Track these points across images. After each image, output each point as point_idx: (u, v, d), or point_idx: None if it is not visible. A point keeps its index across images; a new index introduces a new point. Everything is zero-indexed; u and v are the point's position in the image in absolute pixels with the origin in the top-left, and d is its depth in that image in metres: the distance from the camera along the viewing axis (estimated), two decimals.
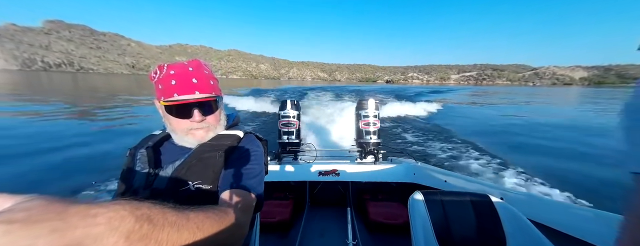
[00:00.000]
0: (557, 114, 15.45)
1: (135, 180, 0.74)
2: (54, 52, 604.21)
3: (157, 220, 0.34)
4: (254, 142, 0.84)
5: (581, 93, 54.70)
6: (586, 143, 7.08)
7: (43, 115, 9.09)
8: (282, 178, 2.26)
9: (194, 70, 0.73)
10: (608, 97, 33.22)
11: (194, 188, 0.70)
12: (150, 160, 0.76)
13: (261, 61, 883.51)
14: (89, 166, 4.47)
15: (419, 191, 1.22)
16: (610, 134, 8.30)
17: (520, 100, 26.09)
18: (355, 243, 1.58)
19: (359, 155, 2.46)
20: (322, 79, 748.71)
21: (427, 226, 1.10)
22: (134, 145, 0.84)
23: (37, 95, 16.91)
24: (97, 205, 0.30)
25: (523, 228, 1.06)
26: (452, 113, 13.04)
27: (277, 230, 2.06)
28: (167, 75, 0.71)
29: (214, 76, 0.80)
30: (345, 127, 5.90)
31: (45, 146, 5.46)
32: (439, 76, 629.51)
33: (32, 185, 3.67)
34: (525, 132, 8.77)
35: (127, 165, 0.79)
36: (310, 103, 12.76)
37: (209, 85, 0.75)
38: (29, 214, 0.25)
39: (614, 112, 15.85)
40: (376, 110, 2.42)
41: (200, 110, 0.74)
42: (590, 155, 5.95)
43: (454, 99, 22.01)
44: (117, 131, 7.69)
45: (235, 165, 0.73)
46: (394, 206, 2.19)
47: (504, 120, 11.90)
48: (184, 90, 0.71)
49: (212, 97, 0.75)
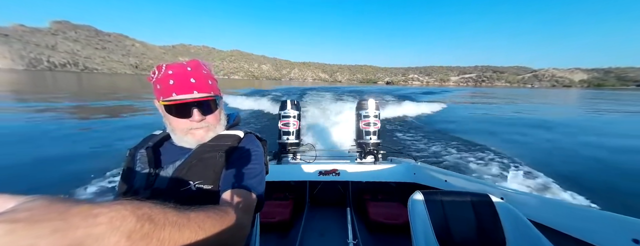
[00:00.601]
0: (557, 113, 15.42)
1: (136, 180, 0.75)
2: (59, 52, 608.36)
3: (158, 219, 0.35)
4: (254, 142, 0.84)
5: (575, 94, 54.46)
6: (585, 144, 7.03)
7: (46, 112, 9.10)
8: (282, 178, 2.23)
9: (193, 70, 0.73)
10: (605, 99, 33.19)
11: (195, 188, 0.70)
12: (151, 161, 0.76)
13: (263, 62, 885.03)
14: (87, 163, 4.43)
15: (419, 191, 1.20)
16: (609, 135, 8.29)
17: (505, 101, 26.11)
18: (355, 243, 1.55)
19: (359, 155, 2.43)
20: (323, 80, 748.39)
21: (427, 226, 1.10)
22: (134, 145, 0.84)
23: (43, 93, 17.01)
24: (99, 205, 0.30)
25: (523, 228, 1.06)
26: (451, 114, 12.96)
27: (277, 230, 2.04)
28: (165, 75, 0.71)
29: (213, 76, 0.80)
30: (345, 127, 5.86)
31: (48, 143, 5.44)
32: (439, 77, 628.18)
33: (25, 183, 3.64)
34: (525, 131, 8.73)
35: (128, 165, 0.79)
36: (310, 103, 12.73)
37: (207, 84, 0.75)
38: (31, 214, 0.25)
39: (613, 112, 15.81)
40: (376, 110, 2.40)
41: (200, 110, 0.74)
42: (590, 155, 5.91)
43: (446, 100, 21.87)
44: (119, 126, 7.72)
45: (236, 165, 0.73)
46: (394, 206, 2.17)
47: (502, 120, 11.84)
48: (182, 90, 0.71)
49: (210, 96, 0.75)
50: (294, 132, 2.42)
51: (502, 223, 1.10)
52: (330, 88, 32.11)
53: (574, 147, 6.62)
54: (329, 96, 18.23)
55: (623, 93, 64.53)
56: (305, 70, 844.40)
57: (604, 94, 52.85)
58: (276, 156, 2.37)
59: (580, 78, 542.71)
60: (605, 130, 9.17)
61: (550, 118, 12.39)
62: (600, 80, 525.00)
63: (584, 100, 29.76)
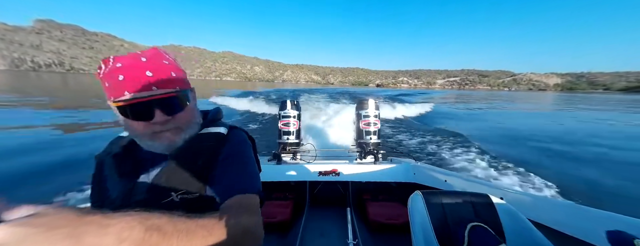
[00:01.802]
0: (550, 116, 15.78)
1: (110, 193, 0.64)
2: (45, 52, 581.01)
3: (166, 229, 0.35)
4: (240, 137, 0.73)
5: (543, 97, 57.02)
6: (586, 144, 7.26)
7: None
8: (282, 178, 2.18)
9: (149, 60, 0.59)
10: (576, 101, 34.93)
11: (179, 199, 0.60)
12: (122, 169, 0.65)
13: (256, 63, 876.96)
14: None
15: (419, 191, 1.19)
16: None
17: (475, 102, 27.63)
18: (355, 243, 1.53)
19: (358, 155, 2.41)
20: (316, 82, 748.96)
21: (427, 226, 1.08)
22: (100, 151, 0.72)
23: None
24: (110, 217, 0.32)
25: (523, 228, 1.04)
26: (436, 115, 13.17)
27: (277, 230, 2.00)
28: (113, 69, 0.57)
29: (178, 66, 0.65)
30: (342, 127, 5.83)
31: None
32: (426, 80, 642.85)
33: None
34: (525, 131, 8.92)
35: (97, 175, 0.69)
36: (307, 103, 12.68)
37: (169, 77, 0.60)
38: (47, 222, 0.28)
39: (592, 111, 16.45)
40: (376, 110, 2.38)
41: (163, 110, 0.59)
42: (586, 155, 6.09)
43: (430, 101, 22.05)
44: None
45: (226, 167, 0.64)
46: (394, 206, 2.15)
47: (503, 120, 12.17)
48: (136, 86, 0.56)
49: (174, 91, 0.60)
50: (294, 131, 2.39)
51: (501, 223, 1.09)
52: (324, 90, 32.22)
53: (575, 147, 6.83)
54: (323, 97, 18.27)
55: (593, 97, 68.12)
56: (298, 72, 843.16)
57: (576, 98, 55.48)
58: (276, 156, 2.32)
59: (554, 82, 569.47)
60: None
61: (543, 119, 12.82)
62: (572, 84, 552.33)
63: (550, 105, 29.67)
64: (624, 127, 11.37)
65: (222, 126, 0.73)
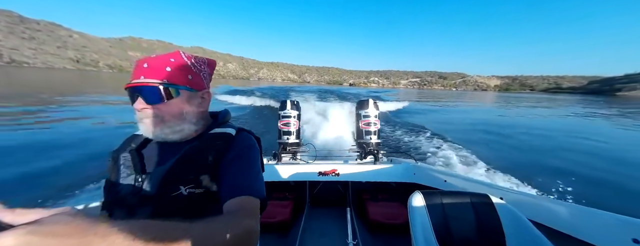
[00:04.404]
0: (551, 116, 16.15)
1: (121, 187, 0.65)
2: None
3: (163, 236, 0.35)
4: (248, 140, 0.74)
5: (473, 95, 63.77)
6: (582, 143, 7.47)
7: None
8: (282, 178, 2.09)
9: (157, 56, 0.65)
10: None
11: (187, 192, 0.61)
12: (136, 164, 0.66)
13: (229, 60, 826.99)
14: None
15: (419, 191, 1.16)
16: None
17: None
18: (355, 243, 1.49)
19: (358, 155, 2.35)
20: (292, 80, 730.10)
21: (426, 226, 1.06)
22: (116, 148, 0.74)
23: None
24: (115, 226, 0.31)
25: (523, 228, 1.02)
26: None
27: (277, 230, 1.93)
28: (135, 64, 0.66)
29: (189, 67, 0.67)
30: (343, 127, 5.72)
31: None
32: (393, 81, 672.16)
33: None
34: (524, 132, 9.00)
35: (111, 171, 0.70)
36: (305, 102, 12.33)
37: (161, 70, 0.62)
38: (52, 228, 0.27)
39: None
40: (376, 110, 2.33)
41: (142, 97, 0.62)
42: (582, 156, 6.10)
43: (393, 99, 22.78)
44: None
45: (233, 167, 0.64)
46: (394, 206, 2.12)
47: (501, 121, 12.86)
48: (134, 75, 0.63)
49: (155, 82, 0.62)
50: (294, 131, 2.29)
51: (501, 223, 1.07)
52: (306, 88, 31.95)
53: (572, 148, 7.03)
54: (311, 95, 17.81)
55: (521, 96, 78.32)
56: (274, 70, 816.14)
57: (510, 97, 63.05)
58: (276, 156, 2.22)
59: (495, 83, 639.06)
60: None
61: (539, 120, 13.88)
62: (508, 86, 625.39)
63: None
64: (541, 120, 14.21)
65: (231, 127, 0.75)
